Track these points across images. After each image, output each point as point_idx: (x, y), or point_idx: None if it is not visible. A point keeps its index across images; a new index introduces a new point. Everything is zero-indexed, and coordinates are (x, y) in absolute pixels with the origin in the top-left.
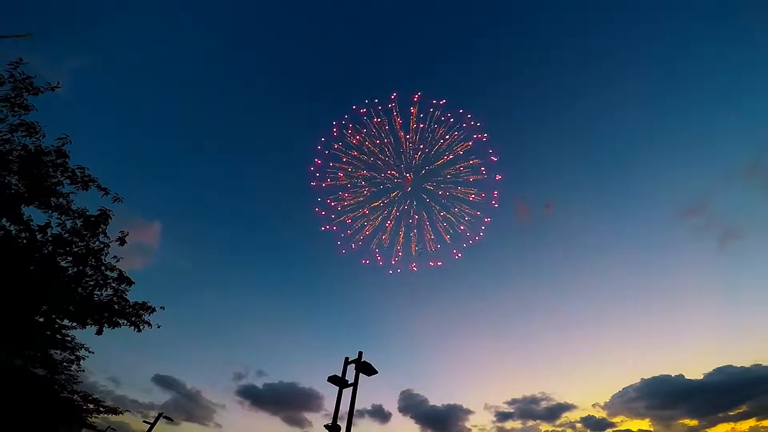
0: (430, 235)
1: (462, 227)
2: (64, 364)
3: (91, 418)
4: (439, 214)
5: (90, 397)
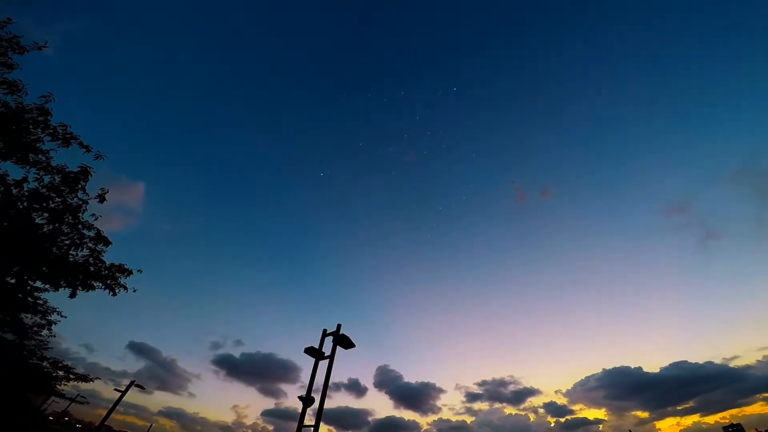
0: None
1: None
2: (35, 328)
3: (60, 385)
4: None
5: (60, 364)
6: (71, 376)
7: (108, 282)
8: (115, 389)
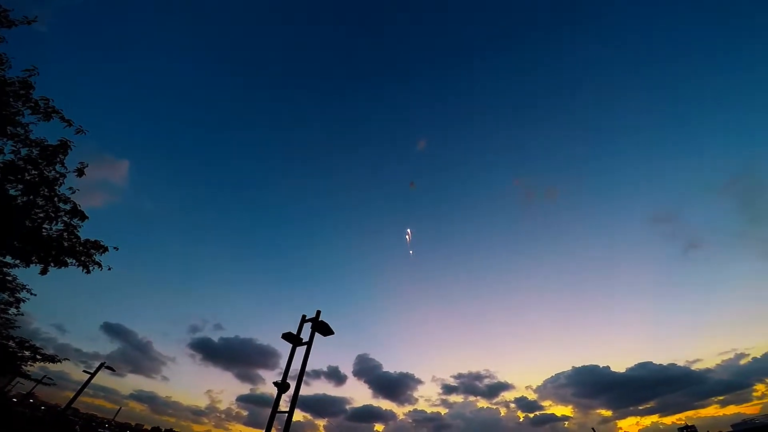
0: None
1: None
2: (2, 306)
3: (26, 366)
4: None
5: (27, 344)
6: (38, 356)
7: (82, 258)
8: (84, 371)
